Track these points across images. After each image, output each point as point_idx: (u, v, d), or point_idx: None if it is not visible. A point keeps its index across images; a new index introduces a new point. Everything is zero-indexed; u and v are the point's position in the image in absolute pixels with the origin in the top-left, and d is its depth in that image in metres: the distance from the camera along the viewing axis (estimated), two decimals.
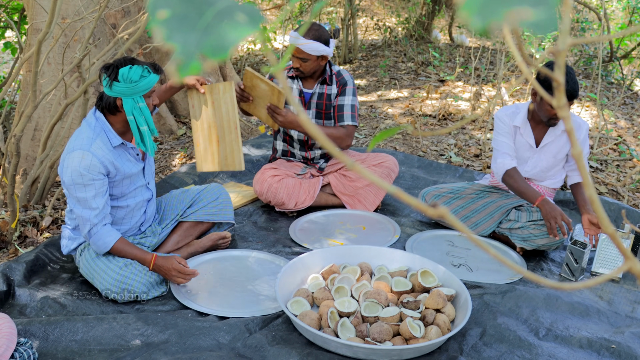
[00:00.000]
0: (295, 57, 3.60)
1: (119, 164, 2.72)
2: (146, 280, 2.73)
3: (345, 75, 3.83)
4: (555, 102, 0.57)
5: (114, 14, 5.30)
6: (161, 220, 3.20)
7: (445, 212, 0.56)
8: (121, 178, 2.77)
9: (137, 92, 2.63)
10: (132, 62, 2.63)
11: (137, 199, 2.92)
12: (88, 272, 2.77)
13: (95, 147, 2.63)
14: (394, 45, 9.59)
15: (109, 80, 2.61)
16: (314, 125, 0.56)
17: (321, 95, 3.78)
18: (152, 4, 0.46)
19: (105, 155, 2.66)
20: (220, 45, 0.45)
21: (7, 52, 6.94)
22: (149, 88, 2.66)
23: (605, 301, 2.90)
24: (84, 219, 2.67)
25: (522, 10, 0.42)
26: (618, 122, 6.29)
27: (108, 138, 2.70)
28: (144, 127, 2.69)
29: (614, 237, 0.61)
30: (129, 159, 2.80)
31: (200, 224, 3.24)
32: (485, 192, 3.59)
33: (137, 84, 2.61)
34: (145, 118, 2.69)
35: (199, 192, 3.25)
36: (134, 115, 2.65)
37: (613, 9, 9.87)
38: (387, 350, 2.27)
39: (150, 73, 2.65)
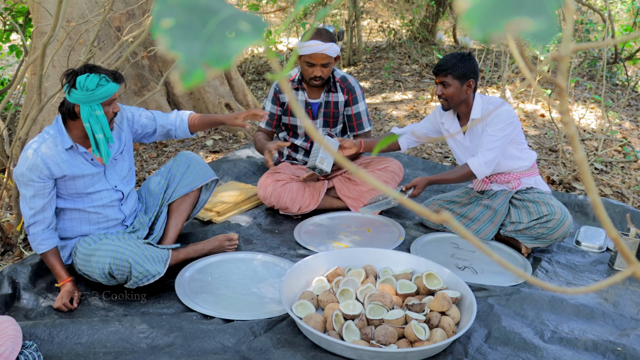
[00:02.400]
0: (318, 66, 3.58)
1: (67, 166, 2.76)
2: (139, 252, 2.74)
3: (351, 80, 3.84)
4: (559, 107, 0.57)
5: (118, 16, 5.32)
6: (147, 210, 3.24)
7: (448, 217, 0.56)
8: (71, 178, 2.80)
9: (93, 100, 2.66)
10: (92, 70, 2.67)
11: (104, 201, 2.94)
12: (84, 262, 2.78)
13: (44, 147, 2.71)
14: (398, 48, 9.59)
15: (68, 86, 2.67)
16: (319, 132, 0.57)
17: (328, 104, 3.79)
18: (157, 13, 0.46)
19: (52, 156, 2.71)
20: (223, 53, 0.45)
21: (12, 55, 6.95)
22: (106, 97, 2.69)
23: (611, 303, 2.89)
24: (23, 213, 2.77)
25: (522, 21, 0.42)
26: (623, 123, 6.28)
27: (62, 140, 2.76)
28: (99, 135, 2.72)
29: (618, 241, 0.61)
30: (83, 162, 2.83)
31: (187, 196, 3.26)
32: (478, 198, 3.60)
33: (94, 92, 2.64)
34: (102, 126, 2.72)
35: (169, 169, 3.27)
36: (90, 123, 2.69)
37: (617, 11, 9.86)
38: (392, 353, 2.27)
39: (109, 82, 2.69)
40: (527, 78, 0.60)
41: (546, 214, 3.20)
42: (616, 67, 8.10)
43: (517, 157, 3.43)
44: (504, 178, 3.50)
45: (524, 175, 3.48)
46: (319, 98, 3.77)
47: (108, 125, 2.74)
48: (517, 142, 3.41)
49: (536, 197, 3.32)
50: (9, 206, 3.91)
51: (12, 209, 3.79)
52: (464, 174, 3.40)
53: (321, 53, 3.51)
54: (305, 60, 3.58)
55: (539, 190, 3.42)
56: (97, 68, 2.69)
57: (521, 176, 3.48)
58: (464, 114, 3.45)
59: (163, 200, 3.23)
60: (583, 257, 3.43)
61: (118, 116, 3.03)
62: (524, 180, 3.47)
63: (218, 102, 5.92)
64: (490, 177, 3.55)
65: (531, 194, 3.38)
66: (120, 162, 3.02)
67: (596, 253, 3.49)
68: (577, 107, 6.61)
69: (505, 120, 3.28)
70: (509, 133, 3.29)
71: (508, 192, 3.47)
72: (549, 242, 3.25)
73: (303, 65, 3.63)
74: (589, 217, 4.04)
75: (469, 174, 3.38)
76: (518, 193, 3.45)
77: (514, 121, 3.31)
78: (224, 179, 4.34)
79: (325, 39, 3.51)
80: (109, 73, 2.71)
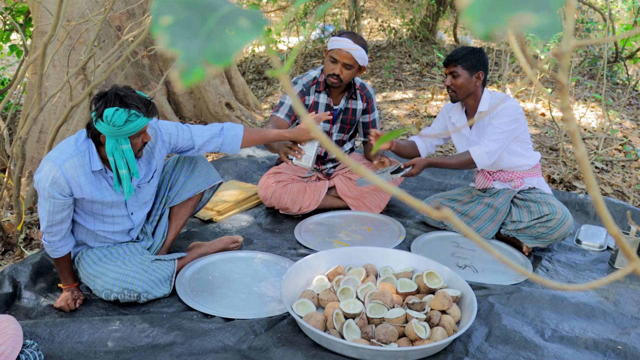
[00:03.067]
0: (340, 63, 3.50)
1: (88, 189, 2.60)
2: (147, 278, 2.71)
3: (369, 87, 3.81)
4: (560, 103, 0.57)
5: (119, 16, 5.32)
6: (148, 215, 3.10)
7: (449, 214, 0.56)
8: (89, 201, 2.67)
9: (120, 135, 2.48)
10: (122, 100, 2.46)
11: (116, 227, 2.83)
12: (87, 279, 2.73)
13: (68, 165, 2.52)
14: (398, 47, 9.59)
15: (96, 115, 2.48)
16: (324, 135, 0.56)
17: (347, 111, 3.77)
18: (156, 10, 0.46)
19: (75, 176, 2.54)
20: (223, 51, 0.45)
21: (13, 55, 6.95)
22: (134, 132, 2.50)
23: (611, 302, 2.89)
24: (40, 218, 2.62)
25: (525, 16, 0.42)
26: (623, 122, 6.28)
27: (90, 160, 2.58)
28: (123, 170, 2.56)
29: (619, 239, 0.60)
30: (107, 187, 2.68)
31: (189, 199, 3.12)
32: (480, 197, 3.60)
33: (121, 129, 2.45)
34: (127, 161, 2.55)
35: (173, 169, 3.11)
36: (114, 157, 2.52)
37: (618, 10, 9.85)
38: (392, 352, 2.27)
39: (138, 117, 2.48)
40: (528, 75, 0.60)
41: (547, 213, 3.20)
42: (617, 66, 8.10)
43: (521, 154, 3.43)
44: (506, 176, 3.50)
45: (527, 175, 3.48)
46: (339, 104, 3.74)
47: (134, 159, 2.57)
48: (522, 140, 3.42)
49: (538, 197, 3.33)
50: (10, 206, 3.91)
51: (12, 209, 3.79)
52: (464, 161, 3.40)
53: (347, 51, 3.45)
54: (330, 55, 3.51)
55: (541, 191, 3.42)
56: (128, 98, 2.46)
57: (524, 176, 3.48)
58: (472, 108, 3.45)
59: (165, 203, 3.10)
60: (583, 255, 3.43)
61: (151, 140, 2.83)
62: (527, 180, 3.48)
63: (218, 101, 5.92)
64: (493, 174, 3.55)
65: (533, 194, 3.38)
66: (145, 189, 2.87)
67: (597, 252, 3.49)
68: (577, 106, 6.61)
69: (511, 114, 3.28)
70: (514, 128, 3.30)
71: (510, 191, 3.47)
72: (549, 242, 3.25)
73: (327, 61, 3.56)
74: (589, 216, 4.04)
75: (469, 161, 3.38)
76: (520, 193, 3.45)
77: (520, 118, 3.31)
78: (224, 178, 4.34)
79: (357, 41, 3.48)
80: (141, 104, 2.49)
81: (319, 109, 3.69)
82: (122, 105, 2.44)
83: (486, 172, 3.57)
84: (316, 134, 0.54)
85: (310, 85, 3.64)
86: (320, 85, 3.66)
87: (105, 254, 2.79)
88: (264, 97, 7.64)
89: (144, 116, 2.49)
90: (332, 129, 3.79)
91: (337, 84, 3.56)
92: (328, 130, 3.77)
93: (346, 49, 3.43)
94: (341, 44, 3.44)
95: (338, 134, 3.84)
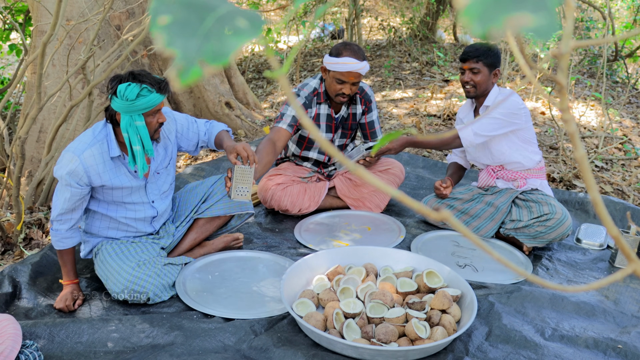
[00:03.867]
0: (349, 84, 3.44)
1: (108, 176, 2.67)
2: (159, 283, 2.72)
3: (367, 89, 3.78)
4: (559, 104, 0.57)
5: (118, 15, 5.31)
6: (175, 219, 3.16)
7: (448, 215, 0.55)
8: (110, 188, 2.73)
9: (134, 111, 2.54)
10: (136, 78, 2.54)
11: (137, 214, 2.88)
12: (102, 273, 2.76)
13: (87, 155, 2.60)
14: (398, 46, 9.58)
15: (111, 93, 2.57)
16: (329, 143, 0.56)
17: (348, 117, 3.76)
18: (154, 10, 0.46)
19: (94, 165, 2.62)
20: (221, 51, 0.44)
21: (13, 54, 6.96)
22: (148, 107, 2.56)
23: (612, 301, 2.89)
24: (54, 205, 2.68)
25: (522, 17, 0.42)
26: (623, 121, 6.27)
27: (108, 147, 2.66)
28: (137, 147, 2.60)
29: (618, 239, 0.60)
30: (125, 173, 2.74)
31: (217, 218, 3.17)
32: (481, 195, 3.60)
33: (134, 103, 2.52)
34: (141, 137, 2.60)
35: (213, 184, 3.16)
36: (129, 133, 2.58)
37: (618, 8, 9.85)
38: (392, 351, 2.27)
39: (151, 92, 2.55)
40: (527, 75, 0.60)
41: (547, 212, 3.21)
42: (616, 65, 8.10)
43: (524, 149, 3.44)
44: (510, 175, 3.50)
45: (530, 175, 3.49)
46: (340, 111, 3.72)
47: (149, 136, 2.62)
48: (526, 138, 3.43)
49: (539, 198, 3.33)
50: (9, 206, 3.91)
51: (12, 209, 3.78)
52: (446, 139, 3.42)
53: (355, 72, 3.38)
54: (336, 77, 3.43)
55: (543, 193, 3.42)
56: (142, 76, 2.55)
57: (528, 176, 3.48)
58: (482, 104, 3.47)
59: (194, 212, 3.14)
60: (584, 254, 3.43)
61: (168, 126, 2.91)
62: (530, 181, 3.48)
63: (218, 100, 5.92)
64: (496, 172, 3.55)
65: (535, 195, 3.38)
66: (163, 176, 2.93)
67: (597, 250, 3.49)
68: (577, 105, 6.61)
69: (509, 107, 3.29)
70: (509, 121, 3.29)
71: (513, 191, 3.47)
72: (547, 242, 3.25)
73: (331, 81, 3.48)
74: (589, 215, 4.04)
75: (451, 139, 3.39)
76: (522, 194, 3.45)
77: (518, 113, 3.31)
78: None
79: (359, 56, 3.38)
80: (154, 82, 2.57)
81: (321, 120, 3.67)
82: (134, 80, 2.54)
83: (490, 170, 3.57)
84: (320, 139, 0.54)
85: (312, 97, 3.62)
86: (321, 96, 3.62)
87: (122, 250, 2.81)
88: (264, 96, 7.64)
89: (156, 92, 2.56)
90: (335, 137, 3.78)
91: (347, 100, 3.55)
92: (331, 139, 3.76)
93: (354, 70, 3.37)
94: (348, 67, 3.35)
95: (340, 139, 3.83)
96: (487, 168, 3.60)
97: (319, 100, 3.63)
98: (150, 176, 2.86)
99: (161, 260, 2.84)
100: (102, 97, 5.15)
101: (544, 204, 3.26)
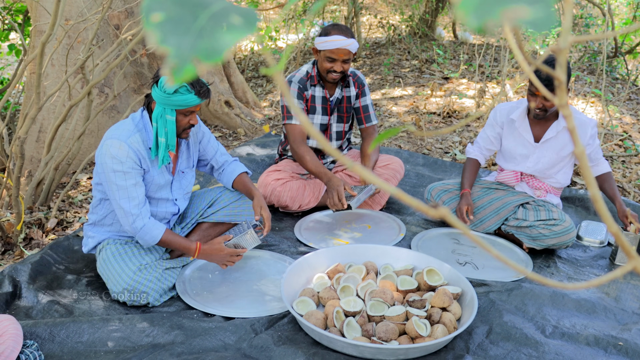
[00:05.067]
0: (339, 61, 3.51)
1: (147, 164, 2.73)
2: (159, 287, 2.72)
3: (359, 74, 3.83)
4: (557, 100, 0.56)
5: (117, 14, 5.31)
6: (182, 220, 3.17)
7: (446, 212, 0.55)
8: (149, 180, 2.78)
9: (168, 104, 2.62)
10: None
11: (160, 209, 2.90)
12: (104, 272, 2.77)
13: (132, 140, 2.65)
14: (397, 43, 9.58)
15: (153, 80, 2.66)
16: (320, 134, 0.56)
17: (342, 99, 3.78)
18: (147, 7, 0.45)
19: (139, 150, 2.67)
20: (214, 48, 0.44)
21: (12, 54, 6.95)
22: (182, 106, 2.63)
23: (612, 298, 2.89)
24: (124, 211, 2.65)
25: (519, 9, 0.41)
26: (623, 117, 6.27)
27: (148, 137, 2.72)
28: (162, 138, 2.67)
29: (618, 236, 0.60)
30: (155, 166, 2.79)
31: (220, 224, 3.21)
32: (492, 189, 3.58)
33: (170, 97, 2.59)
34: (167, 131, 2.67)
35: (221, 191, 3.21)
36: (157, 123, 2.65)
37: (617, 4, 9.83)
38: (393, 350, 2.26)
39: (189, 92, 2.61)
40: (525, 72, 0.60)
41: (556, 218, 3.21)
42: (616, 61, 8.09)
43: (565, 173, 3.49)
44: (536, 184, 3.50)
45: (554, 192, 3.50)
46: (334, 94, 3.75)
47: (174, 133, 2.70)
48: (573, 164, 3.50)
49: (551, 207, 3.32)
50: (9, 205, 3.90)
51: (12, 209, 3.78)
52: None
53: (344, 48, 3.45)
54: (326, 55, 3.50)
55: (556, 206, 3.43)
56: None
57: (551, 191, 3.49)
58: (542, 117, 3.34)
59: (200, 215, 3.17)
60: (584, 251, 3.43)
61: (197, 131, 3.01)
62: (549, 197, 3.48)
63: (217, 99, 5.91)
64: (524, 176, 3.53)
65: (548, 204, 3.36)
66: (187, 177, 2.99)
67: (597, 248, 3.48)
68: (577, 102, 6.60)
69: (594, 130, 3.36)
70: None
71: (528, 196, 3.45)
72: (546, 246, 3.24)
73: (322, 61, 3.55)
74: (590, 212, 4.04)
75: None
76: (535, 200, 3.42)
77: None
78: None
79: (347, 34, 3.46)
80: (195, 84, 2.63)
81: (316, 103, 3.69)
82: None
83: (518, 172, 3.53)
84: (312, 133, 0.54)
85: (305, 80, 3.66)
86: (314, 79, 3.68)
87: (126, 250, 2.80)
88: (264, 94, 7.63)
89: (194, 94, 2.62)
90: (331, 120, 3.79)
91: (339, 78, 3.59)
92: (327, 122, 3.77)
93: (343, 47, 3.44)
94: (336, 44, 3.44)
95: (338, 124, 3.84)
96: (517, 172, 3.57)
97: (313, 83, 3.69)
98: (176, 174, 2.92)
99: (162, 264, 2.84)
100: (101, 96, 5.15)
101: (555, 211, 3.27)
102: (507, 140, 3.53)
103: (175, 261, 2.93)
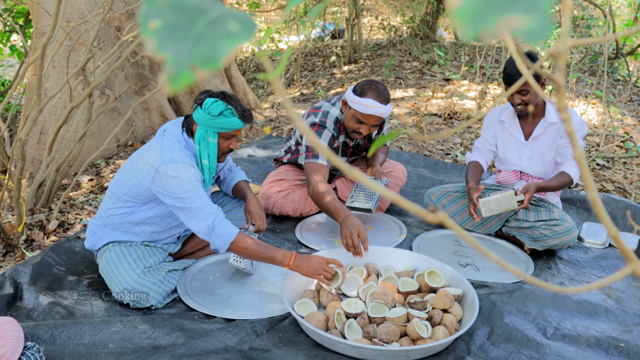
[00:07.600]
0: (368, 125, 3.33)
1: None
2: (162, 290, 2.72)
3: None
4: (557, 104, 0.56)
5: (118, 16, 5.31)
6: None
7: (444, 216, 0.55)
8: None
9: (211, 127, 2.62)
10: (225, 98, 2.62)
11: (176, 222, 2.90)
12: (107, 273, 2.75)
13: (192, 162, 2.64)
14: (398, 45, 9.58)
15: (197, 104, 2.65)
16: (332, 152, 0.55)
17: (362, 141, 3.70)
18: (144, 14, 0.46)
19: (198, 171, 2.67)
20: (212, 54, 0.44)
21: (14, 56, 6.96)
22: (225, 129, 2.63)
23: (614, 299, 2.89)
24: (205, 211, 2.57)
25: (514, 18, 0.41)
26: (624, 119, 6.26)
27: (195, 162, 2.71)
28: (205, 161, 2.69)
29: (617, 239, 0.60)
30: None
31: None
32: (491, 191, 3.57)
33: (214, 120, 2.59)
34: (209, 154, 2.68)
35: (224, 195, 3.23)
36: (200, 146, 2.66)
37: (618, 6, 9.83)
38: (394, 351, 2.26)
39: (233, 116, 2.61)
40: (524, 75, 0.60)
41: (557, 218, 3.20)
42: (617, 63, 8.09)
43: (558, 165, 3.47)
44: None
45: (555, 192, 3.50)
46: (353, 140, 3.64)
47: (216, 156, 2.71)
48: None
49: (551, 206, 3.31)
50: (10, 207, 3.91)
51: (13, 210, 3.78)
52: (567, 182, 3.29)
53: (377, 115, 3.27)
54: (355, 115, 3.30)
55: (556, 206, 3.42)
56: (231, 99, 2.64)
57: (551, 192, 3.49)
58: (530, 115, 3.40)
59: None
60: (585, 253, 3.42)
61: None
62: (549, 196, 3.48)
63: None
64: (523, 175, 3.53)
65: (548, 203, 3.36)
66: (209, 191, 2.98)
67: (599, 249, 3.48)
68: (578, 103, 6.60)
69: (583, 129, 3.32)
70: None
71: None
72: (547, 246, 3.23)
73: (350, 119, 3.36)
74: (591, 213, 4.03)
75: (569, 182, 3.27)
76: (535, 200, 3.42)
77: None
78: None
79: (383, 99, 3.24)
80: (240, 108, 2.64)
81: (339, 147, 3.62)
82: (223, 99, 2.62)
83: (517, 171, 3.54)
84: (325, 153, 0.54)
85: (337, 128, 3.50)
86: (341, 129, 3.52)
87: (130, 252, 2.79)
88: (265, 96, 7.64)
89: (238, 117, 2.64)
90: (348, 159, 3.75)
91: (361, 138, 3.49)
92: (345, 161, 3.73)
93: (377, 114, 3.25)
94: (370, 110, 3.22)
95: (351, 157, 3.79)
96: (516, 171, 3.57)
97: (340, 132, 3.54)
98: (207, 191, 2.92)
99: (165, 266, 2.84)
100: (102, 98, 5.15)
101: (555, 211, 3.26)
102: (500, 142, 3.56)
103: (177, 263, 2.92)
